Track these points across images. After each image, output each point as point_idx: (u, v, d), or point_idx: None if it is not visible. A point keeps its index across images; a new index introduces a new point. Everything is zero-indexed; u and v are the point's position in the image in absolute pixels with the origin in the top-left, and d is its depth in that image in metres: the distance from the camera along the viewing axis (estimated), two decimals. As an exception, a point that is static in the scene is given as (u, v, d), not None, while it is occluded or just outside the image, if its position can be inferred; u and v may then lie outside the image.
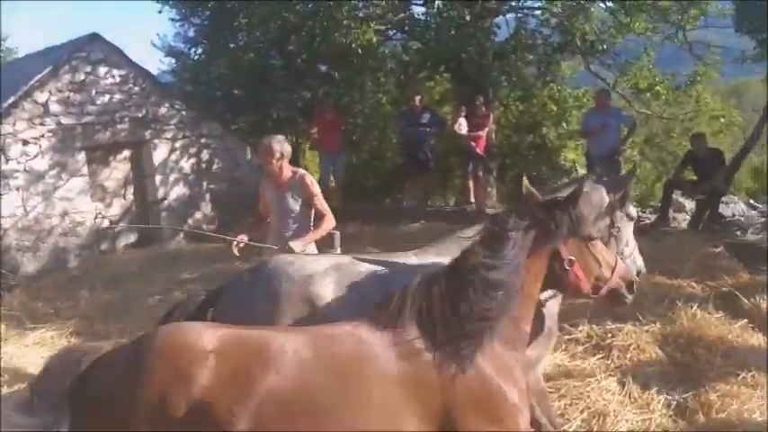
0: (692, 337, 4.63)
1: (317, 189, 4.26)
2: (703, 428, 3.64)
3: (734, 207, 9.91)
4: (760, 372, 4.09)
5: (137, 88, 9.82)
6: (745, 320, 4.90)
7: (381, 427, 2.17)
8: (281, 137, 4.37)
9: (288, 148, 4.30)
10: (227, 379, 2.12)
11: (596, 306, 4.98)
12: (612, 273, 2.54)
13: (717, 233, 7.41)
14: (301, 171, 4.36)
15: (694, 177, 8.30)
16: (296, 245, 3.99)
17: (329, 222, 4.26)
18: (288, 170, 4.30)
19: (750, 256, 6.43)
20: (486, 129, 9.76)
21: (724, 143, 14.35)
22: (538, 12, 12.50)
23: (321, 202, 4.27)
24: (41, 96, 8.88)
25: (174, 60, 14.56)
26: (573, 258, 2.47)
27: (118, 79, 9.61)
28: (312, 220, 4.32)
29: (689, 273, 5.96)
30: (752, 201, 11.16)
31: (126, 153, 9.93)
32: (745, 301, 5.17)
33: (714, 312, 4.97)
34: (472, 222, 9.23)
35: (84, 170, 9.33)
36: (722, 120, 12.52)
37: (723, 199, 8.72)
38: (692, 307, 5.02)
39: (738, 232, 7.78)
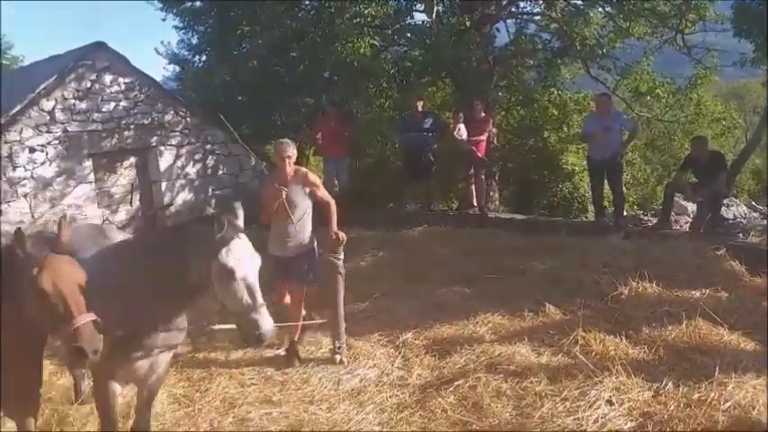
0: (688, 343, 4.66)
1: (318, 180, 4.97)
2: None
3: (735, 209, 9.89)
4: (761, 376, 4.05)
5: (142, 95, 9.93)
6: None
7: None
8: (288, 140, 5.05)
9: (295, 151, 4.97)
10: None
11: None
12: None
13: (719, 236, 7.28)
14: (303, 168, 5.03)
15: (695, 180, 8.31)
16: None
17: (333, 206, 4.94)
18: (292, 169, 4.92)
19: (753, 259, 6.37)
20: (487, 133, 9.76)
21: (725, 145, 14.39)
22: (537, 17, 12.61)
23: (323, 192, 4.96)
24: (47, 104, 8.98)
25: (177, 67, 14.70)
26: None
27: (123, 87, 9.71)
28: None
29: (690, 277, 5.96)
30: (753, 203, 11.18)
31: (132, 160, 10.03)
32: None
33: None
34: (475, 226, 9.24)
35: (91, 177, 9.42)
36: (723, 123, 12.55)
37: (725, 201, 8.68)
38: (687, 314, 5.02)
39: (741, 235, 7.65)
